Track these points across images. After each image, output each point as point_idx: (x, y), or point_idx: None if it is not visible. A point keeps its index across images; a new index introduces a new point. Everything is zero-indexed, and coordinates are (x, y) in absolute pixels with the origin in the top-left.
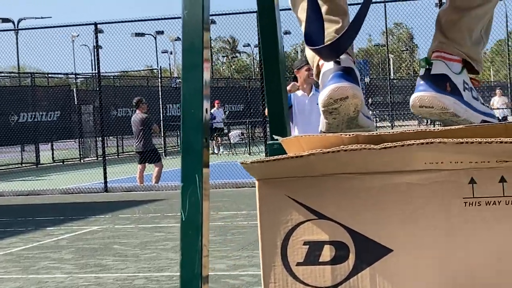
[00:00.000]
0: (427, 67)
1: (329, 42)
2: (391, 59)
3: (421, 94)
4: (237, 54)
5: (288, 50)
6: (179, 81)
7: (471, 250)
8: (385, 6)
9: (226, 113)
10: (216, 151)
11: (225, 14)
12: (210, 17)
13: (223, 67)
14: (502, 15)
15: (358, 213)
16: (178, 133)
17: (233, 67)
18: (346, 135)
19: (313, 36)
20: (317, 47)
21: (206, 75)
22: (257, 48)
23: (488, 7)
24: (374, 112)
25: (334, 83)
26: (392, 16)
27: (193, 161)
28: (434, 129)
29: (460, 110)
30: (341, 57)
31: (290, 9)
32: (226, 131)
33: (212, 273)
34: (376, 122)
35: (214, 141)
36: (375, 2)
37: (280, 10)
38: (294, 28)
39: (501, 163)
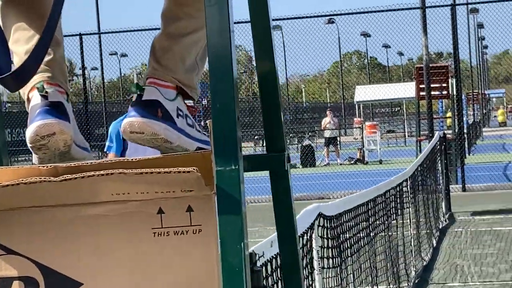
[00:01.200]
0: (139, 93)
1: (9, 72)
2: None
3: (131, 120)
4: (74, 78)
5: (127, 72)
6: (9, 105)
7: (162, 281)
8: None
9: None
10: None
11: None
12: None
13: None
14: (335, 39)
15: (48, 247)
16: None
17: (70, 90)
18: (44, 166)
19: None
20: None
21: None
22: (94, 70)
23: (201, 33)
24: None
25: (39, 120)
26: None
27: None
28: (132, 159)
29: (172, 136)
30: (49, 91)
31: (127, 30)
32: None
33: None
34: None
35: None
36: None
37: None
38: (132, 50)
39: (186, 193)
